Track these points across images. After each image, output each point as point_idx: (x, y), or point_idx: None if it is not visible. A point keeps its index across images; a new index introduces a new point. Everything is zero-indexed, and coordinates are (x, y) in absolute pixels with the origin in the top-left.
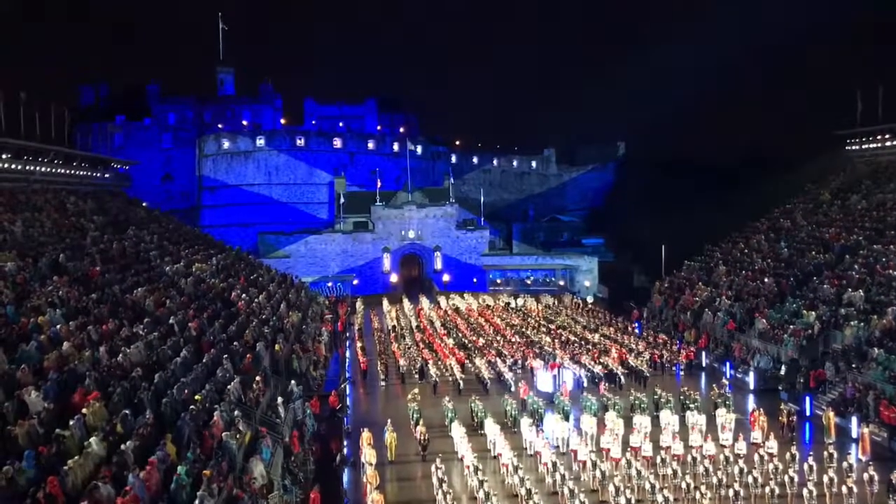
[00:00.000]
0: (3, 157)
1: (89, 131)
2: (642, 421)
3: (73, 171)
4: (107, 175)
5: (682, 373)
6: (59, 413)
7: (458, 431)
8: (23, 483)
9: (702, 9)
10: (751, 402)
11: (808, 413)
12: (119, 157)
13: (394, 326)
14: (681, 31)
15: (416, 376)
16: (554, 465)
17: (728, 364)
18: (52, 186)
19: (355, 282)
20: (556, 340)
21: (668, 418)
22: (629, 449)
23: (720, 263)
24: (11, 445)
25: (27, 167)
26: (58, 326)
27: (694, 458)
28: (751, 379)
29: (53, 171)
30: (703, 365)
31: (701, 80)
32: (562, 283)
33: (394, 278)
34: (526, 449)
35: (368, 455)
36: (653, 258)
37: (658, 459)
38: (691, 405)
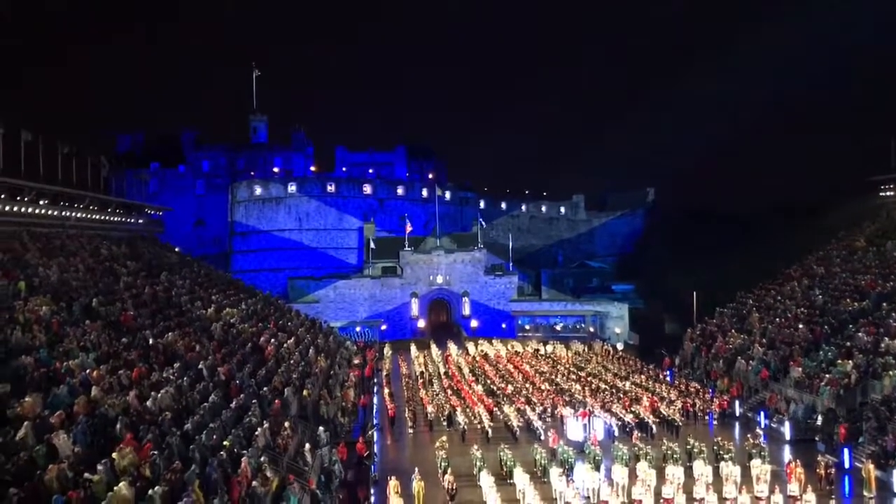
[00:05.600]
0: (41, 202)
1: (124, 178)
2: (675, 471)
3: (107, 217)
4: (140, 221)
5: (715, 422)
6: (87, 457)
7: (486, 480)
8: None
9: (729, 56)
10: (787, 453)
11: (846, 465)
12: (153, 203)
13: (422, 372)
14: (709, 78)
15: (445, 423)
16: None
17: (763, 413)
18: (87, 232)
19: (383, 327)
20: (587, 388)
21: (702, 469)
22: (662, 500)
23: (753, 311)
24: (42, 490)
25: (63, 213)
26: (88, 370)
27: None
28: (786, 429)
29: (89, 216)
30: (737, 414)
31: (732, 126)
32: (592, 329)
33: (422, 324)
34: (556, 499)
35: None
36: (684, 305)
37: None
38: (725, 455)
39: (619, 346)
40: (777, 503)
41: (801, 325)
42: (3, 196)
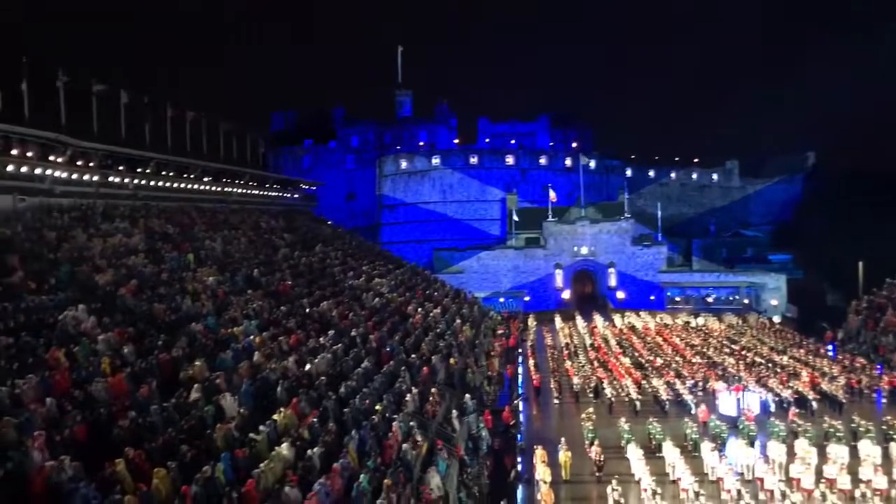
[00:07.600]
0: (205, 179)
1: (280, 154)
2: (838, 451)
3: (265, 192)
4: (296, 195)
5: (884, 400)
6: (251, 418)
7: (634, 453)
8: (222, 482)
9: None
10: None
11: None
12: (307, 178)
13: (567, 344)
14: (882, 29)
15: (591, 395)
16: (738, 493)
17: None
18: (248, 206)
19: (526, 298)
20: (741, 362)
21: (869, 449)
22: (823, 480)
23: None
24: (211, 447)
25: (225, 189)
26: (251, 337)
27: None
28: None
29: (248, 191)
30: None
31: None
32: (746, 301)
33: (566, 295)
34: (707, 474)
35: (543, 473)
36: (847, 276)
37: (858, 493)
38: None
39: (776, 319)
40: None
41: None
42: (171, 174)
